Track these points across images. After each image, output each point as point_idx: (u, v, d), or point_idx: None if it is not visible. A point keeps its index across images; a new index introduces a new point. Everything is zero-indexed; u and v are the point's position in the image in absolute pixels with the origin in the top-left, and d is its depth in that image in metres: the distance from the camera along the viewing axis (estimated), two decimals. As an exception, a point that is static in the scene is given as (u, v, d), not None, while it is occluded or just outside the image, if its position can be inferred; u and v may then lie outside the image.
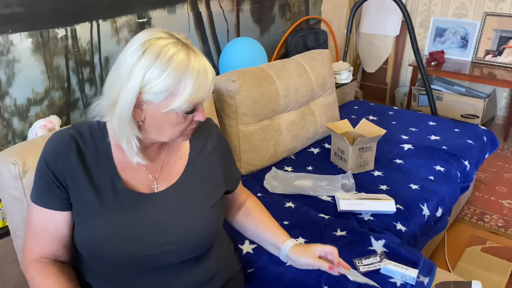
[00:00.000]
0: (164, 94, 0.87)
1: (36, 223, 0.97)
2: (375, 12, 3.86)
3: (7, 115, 1.51)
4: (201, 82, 0.88)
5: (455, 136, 2.36)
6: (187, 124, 0.94)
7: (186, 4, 2.03)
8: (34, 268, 0.96)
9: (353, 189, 1.82)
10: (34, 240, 0.98)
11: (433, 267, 1.37)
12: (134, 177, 0.99)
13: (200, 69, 0.88)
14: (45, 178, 0.94)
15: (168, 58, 0.86)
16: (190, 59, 0.87)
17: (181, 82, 0.86)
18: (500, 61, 3.55)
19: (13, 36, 1.46)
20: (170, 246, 0.97)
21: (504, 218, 2.47)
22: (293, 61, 2.20)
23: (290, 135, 2.11)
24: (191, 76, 0.87)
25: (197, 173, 1.05)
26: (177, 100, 0.87)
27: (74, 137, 0.96)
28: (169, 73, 0.85)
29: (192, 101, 0.88)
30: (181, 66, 0.86)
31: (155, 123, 0.91)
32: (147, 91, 0.87)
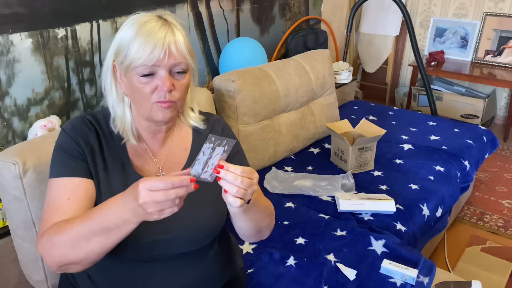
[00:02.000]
0: (122, 54, 0.91)
1: (57, 195, 0.92)
2: (375, 12, 3.86)
3: (7, 115, 1.51)
4: (147, 39, 0.88)
5: (455, 136, 2.36)
6: (150, 91, 0.91)
7: (186, 4, 2.03)
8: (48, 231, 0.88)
9: (353, 189, 1.82)
10: (53, 212, 0.91)
11: (433, 267, 1.37)
12: (143, 165, 1.02)
13: (151, 29, 0.90)
14: (68, 149, 0.95)
15: (133, 21, 0.92)
16: (150, 21, 0.91)
17: (132, 39, 0.90)
18: (500, 61, 3.55)
19: (13, 36, 1.46)
20: (172, 234, 0.98)
21: (504, 218, 2.47)
22: (293, 61, 2.20)
23: (290, 135, 2.11)
24: (140, 33, 0.89)
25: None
26: (128, 57, 0.90)
27: (91, 121, 1.00)
28: (126, 31, 0.91)
29: (140, 60, 0.88)
30: (137, 25, 0.91)
31: (129, 93, 0.95)
32: (115, 56, 0.93)
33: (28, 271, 1.28)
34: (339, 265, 1.35)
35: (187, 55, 0.93)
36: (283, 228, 1.56)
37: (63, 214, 0.90)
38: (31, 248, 1.23)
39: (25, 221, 1.19)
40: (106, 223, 0.81)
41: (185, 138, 1.09)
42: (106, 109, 1.03)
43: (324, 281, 1.29)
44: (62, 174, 0.93)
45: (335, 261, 1.38)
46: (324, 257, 1.40)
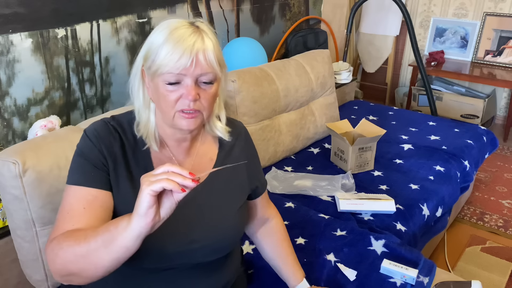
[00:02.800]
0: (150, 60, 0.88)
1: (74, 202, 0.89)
2: (375, 12, 3.86)
3: (7, 115, 1.51)
4: (176, 46, 0.85)
5: (455, 136, 2.36)
6: (175, 99, 0.89)
7: (186, 4, 2.03)
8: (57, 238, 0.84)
9: (353, 189, 1.82)
10: (66, 219, 0.87)
11: (433, 267, 1.37)
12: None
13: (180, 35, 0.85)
14: (90, 157, 0.92)
15: (165, 27, 0.88)
16: (181, 28, 0.87)
17: (161, 45, 0.86)
18: (500, 61, 3.55)
19: (13, 36, 1.46)
20: (196, 245, 0.97)
21: (504, 218, 2.47)
22: (293, 61, 2.20)
23: (290, 135, 2.11)
24: (169, 39, 0.85)
25: (224, 175, 1.04)
26: (156, 63, 0.87)
27: (116, 128, 0.96)
28: (156, 36, 0.88)
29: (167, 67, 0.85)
30: (167, 31, 0.87)
31: (155, 99, 0.92)
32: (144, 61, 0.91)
33: (28, 270, 1.28)
34: (340, 265, 1.35)
35: (215, 65, 0.88)
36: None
37: (77, 223, 0.86)
38: (31, 248, 1.23)
39: (25, 220, 1.19)
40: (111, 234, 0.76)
41: (210, 147, 1.07)
42: (130, 114, 0.99)
43: (324, 282, 1.29)
44: (81, 183, 0.90)
45: (335, 261, 1.38)
46: (324, 257, 1.40)
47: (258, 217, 1.21)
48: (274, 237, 1.21)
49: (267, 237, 1.21)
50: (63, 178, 1.20)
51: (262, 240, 1.22)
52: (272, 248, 1.21)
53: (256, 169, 1.15)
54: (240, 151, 1.10)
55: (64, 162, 1.21)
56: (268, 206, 1.22)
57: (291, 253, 1.21)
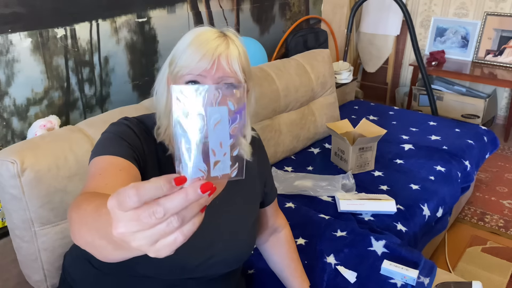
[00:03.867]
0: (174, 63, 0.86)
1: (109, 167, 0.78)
2: (375, 11, 3.85)
3: (6, 115, 1.50)
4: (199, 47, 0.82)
5: (456, 136, 2.35)
6: None
7: (186, 4, 2.02)
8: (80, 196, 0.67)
9: (353, 189, 1.81)
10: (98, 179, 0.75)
11: (434, 268, 1.37)
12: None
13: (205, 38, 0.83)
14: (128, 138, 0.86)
15: (191, 32, 0.86)
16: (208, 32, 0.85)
17: (185, 48, 0.84)
18: (501, 61, 3.54)
19: (12, 36, 1.46)
20: (215, 259, 0.97)
21: (504, 219, 2.47)
22: (293, 61, 2.20)
23: (290, 135, 2.11)
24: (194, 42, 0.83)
25: (240, 186, 1.02)
26: (178, 64, 0.84)
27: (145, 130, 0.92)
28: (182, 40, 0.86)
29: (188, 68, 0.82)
30: (194, 34, 0.85)
31: None
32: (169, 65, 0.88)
33: (27, 271, 1.28)
34: (340, 267, 1.34)
35: (238, 71, 0.83)
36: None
37: (111, 181, 0.74)
38: (30, 248, 1.22)
39: (24, 220, 1.19)
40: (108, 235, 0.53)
41: None
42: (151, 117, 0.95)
43: (324, 282, 1.28)
44: (116, 153, 0.81)
45: (335, 263, 1.37)
46: (324, 258, 1.39)
47: (268, 226, 1.20)
48: (283, 248, 1.21)
49: (276, 248, 1.21)
50: (62, 177, 1.20)
51: (271, 250, 1.21)
52: (281, 259, 1.20)
53: (269, 176, 1.15)
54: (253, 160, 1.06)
55: (63, 162, 1.21)
56: (277, 215, 1.21)
57: (298, 264, 1.21)
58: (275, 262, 1.22)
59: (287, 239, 1.22)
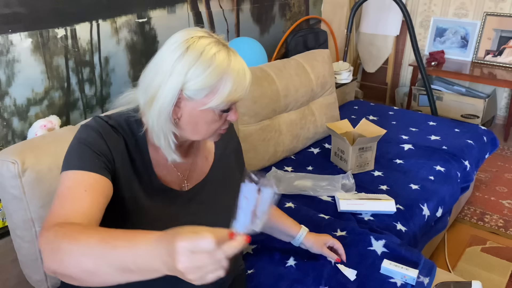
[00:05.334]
0: (205, 92, 0.88)
1: (74, 186, 0.83)
2: (375, 12, 3.86)
3: (7, 115, 1.51)
4: (240, 82, 0.89)
5: (455, 136, 2.35)
6: (221, 123, 0.95)
7: (186, 4, 2.02)
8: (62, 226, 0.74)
9: (353, 189, 1.82)
10: (65, 204, 0.80)
11: (433, 267, 1.37)
12: (166, 175, 1.01)
13: (239, 70, 0.89)
14: (95, 145, 0.88)
15: (210, 56, 0.87)
16: (231, 59, 0.89)
17: (222, 80, 0.87)
18: (500, 61, 3.54)
19: (13, 36, 1.46)
20: None
21: (504, 218, 2.47)
22: (293, 61, 2.20)
23: (290, 135, 2.11)
24: (231, 75, 0.88)
25: (222, 172, 1.09)
26: (216, 98, 0.88)
27: (116, 127, 0.94)
28: (211, 71, 0.86)
29: (230, 100, 0.89)
30: (223, 65, 0.87)
31: (192, 121, 0.92)
32: (188, 88, 0.87)
33: (28, 271, 1.28)
34: (340, 265, 1.35)
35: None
36: (283, 228, 1.55)
37: (78, 207, 0.80)
38: (30, 248, 1.22)
39: (25, 220, 1.19)
40: (127, 262, 0.65)
41: (206, 147, 1.09)
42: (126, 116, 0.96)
43: (324, 282, 1.29)
44: (82, 168, 0.85)
45: (335, 262, 1.38)
46: (324, 257, 1.40)
47: None
48: None
49: None
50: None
51: None
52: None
53: (243, 164, 1.23)
54: (231, 148, 1.16)
55: (64, 162, 1.21)
56: None
57: (282, 212, 1.33)
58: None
59: None
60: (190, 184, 1.04)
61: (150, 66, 0.92)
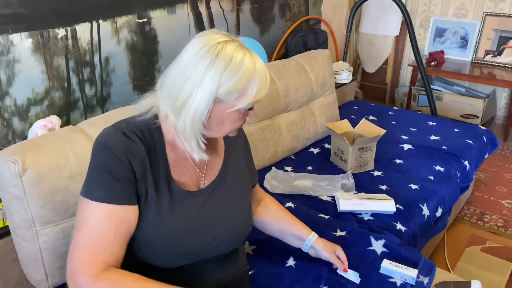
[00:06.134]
0: (235, 95, 0.93)
1: (104, 228, 0.89)
2: (375, 12, 3.86)
3: (7, 115, 1.51)
4: (264, 82, 0.96)
5: (455, 136, 2.36)
6: (244, 120, 1.01)
7: (186, 4, 2.03)
8: (107, 277, 0.87)
9: (353, 189, 1.82)
10: (99, 248, 0.89)
11: (433, 267, 1.37)
12: (184, 174, 1.03)
13: (263, 71, 0.95)
14: (116, 172, 0.91)
15: (239, 61, 0.91)
16: (255, 61, 0.94)
17: (250, 83, 0.93)
18: (500, 61, 3.55)
19: (13, 36, 1.46)
20: (218, 240, 1.04)
21: (504, 218, 2.47)
22: (293, 61, 2.20)
23: (290, 135, 2.11)
24: (258, 77, 0.94)
25: (232, 169, 1.13)
26: (245, 99, 0.94)
27: (135, 133, 0.96)
28: (241, 75, 0.91)
29: (256, 100, 0.95)
30: (250, 69, 0.93)
31: (219, 121, 0.97)
32: (220, 92, 0.92)
33: (28, 270, 1.28)
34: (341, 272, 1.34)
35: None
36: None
37: (110, 256, 0.90)
38: (31, 247, 1.23)
39: (25, 219, 1.19)
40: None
41: (218, 143, 1.13)
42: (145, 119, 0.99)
43: (324, 282, 1.29)
44: (106, 200, 0.90)
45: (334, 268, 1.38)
46: (324, 257, 1.40)
47: (254, 200, 1.31)
48: (272, 207, 1.32)
49: (266, 212, 1.31)
50: (63, 177, 1.21)
51: (263, 216, 1.30)
52: (274, 216, 1.31)
53: (251, 162, 1.26)
54: (240, 147, 1.19)
55: (64, 161, 1.22)
56: (259, 189, 1.33)
57: (292, 215, 1.33)
58: (270, 222, 1.31)
59: (272, 201, 1.34)
60: (207, 181, 1.07)
61: (175, 73, 0.93)
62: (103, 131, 0.96)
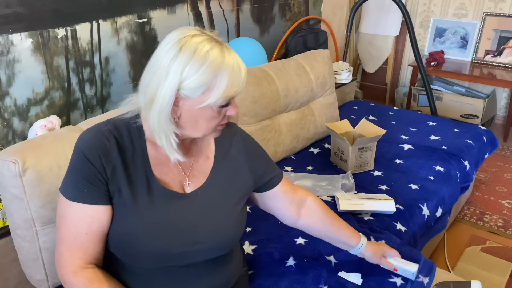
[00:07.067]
0: (201, 89, 0.89)
1: (77, 225, 0.93)
2: (375, 12, 3.86)
3: (7, 115, 1.51)
4: (235, 76, 0.90)
5: (455, 136, 2.36)
6: (221, 118, 0.96)
7: (186, 4, 2.03)
8: (83, 276, 0.93)
9: (353, 189, 1.82)
10: (75, 245, 0.94)
11: (433, 267, 1.37)
12: (167, 173, 1.01)
13: (234, 64, 0.90)
14: (86, 173, 0.93)
15: (204, 54, 0.88)
16: (224, 55, 0.90)
17: (217, 77, 0.89)
18: (500, 61, 3.55)
19: (13, 36, 1.46)
20: (200, 246, 1.00)
21: (504, 218, 2.47)
22: (293, 61, 2.20)
23: (290, 135, 2.11)
24: (226, 71, 0.89)
25: (223, 174, 1.08)
26: (213, 94, 0.89)
27: (112, 132, 0.97)
28: (205, 68, 0.88)
29: (227, 96, 0.90)
30: (216, 62, 0.88)
31: (191, 119, 0.93)
32: (184, 87, 0.89)
33: (28, 270, 1.28)
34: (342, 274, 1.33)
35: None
36: (283, 228, 1.55)
37: (85, 253, 0.94)
38: (31, 248, 1.23)
39: (25, 220, 1.19)
40: None
41: (207, 145, 1.09)
42: (127, 119, 0.99)
43: (323, 281, 1.29)
44: (77, 199, 0.93)
45: (335, 262, 1.38)
46: (324, 257, 1.40)
47: (291, 202, 1.20)
48: (317, 212, 1.23)
49: (311, 217, 1.22)
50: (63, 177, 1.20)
51: (308, 221, 1.22)
52: (322, 223, 1.23)
53: (262, 166, 1.15)
54: (238, 151, 1.11)
55: (64, 161, 1.22)
56: (295, 189, 1.22)
57: (340, 220, 1.26)
58: (318, 229, 1.24)
59: (317, 203, 1.23)
60: (192, 184, 1.04)
61: (148, 68, 0.93)
62: (83, 132, 0.98)
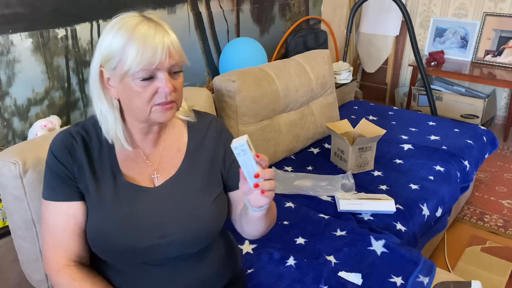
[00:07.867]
0: (115, 60, 0.89)
1: (54, 224, 0.97)
2: (375, 12, 3.86)
3: (7, 115, 1.51)
4: (147, 43, 0.87)
5: (455, 136, 2.36)
6: (151, 94, 0.91)
7: (186, 4, 2.03)
8: (67, 274, 0.96)
9: (353, 189, 1.82)
10: (55, 243, 0.97)
11: (433, 267, 1.37)
12: (134, 168, 1.01)
13: (146, 31, 0.88)
14: (56, 171, 0.96)
15: (120, 25, 0.90)
16: (140, 24, 0.89)
17: (127, 45, 0.88)
18: (500, 61, 3.55)
19: (13, 36, 1.46)
20: (168, 239, 0.97)
21: (504, 218, 2.47)
22: (293, 61, 2.20)
23: (290, 135, 2.11)
24: (136, 38, 0.87)
25: (196, 167, 1.04)
26: (126, 63, 0.88)
27: (79, 132, 0.99)
28: (115, 36, 0.89)
29: (141, 64, 0.87)
30: (127, 30, 0.89)
31: (125, 98, 0.94)
32: (104, 59, 0.91)
33: (28, 271, 1.28)
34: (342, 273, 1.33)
35: (183, 54, 0.94)
36: (283, 228, 1.56)
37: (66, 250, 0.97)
38: (31, 248, 1.23)
39: (25, 220, 1.19)
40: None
41: (179, 138, 1.06)
42: (96, 121, 0.99)
43: (324, 281, 1.29)
44: (52, 198, 0.97)
45: (335, 262, 1.38)
46: (324, 257, 1.40)
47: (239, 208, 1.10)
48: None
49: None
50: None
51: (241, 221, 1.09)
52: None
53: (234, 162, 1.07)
54: (212, 142, 1.07)
55: (64, 162, 1.21)
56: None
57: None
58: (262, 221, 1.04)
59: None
60: (161, 177, 1.02)
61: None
62: (58, 133, 1.01)
